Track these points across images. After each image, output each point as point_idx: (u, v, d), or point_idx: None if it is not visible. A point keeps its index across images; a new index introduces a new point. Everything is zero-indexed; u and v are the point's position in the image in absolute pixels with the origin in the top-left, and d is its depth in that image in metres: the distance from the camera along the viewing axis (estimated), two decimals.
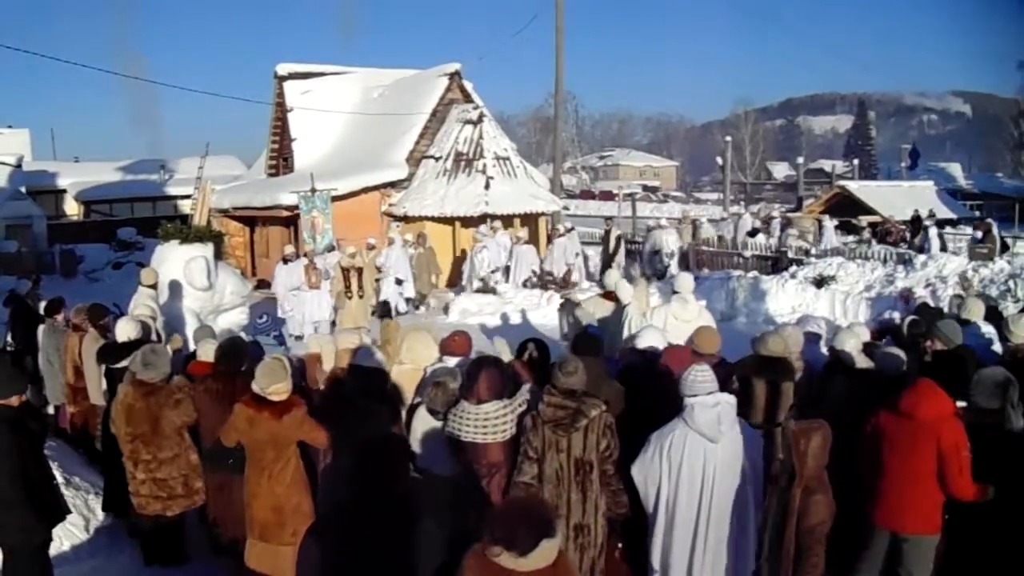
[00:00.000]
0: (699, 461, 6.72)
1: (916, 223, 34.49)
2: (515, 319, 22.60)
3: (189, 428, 8.85)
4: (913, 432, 6.93)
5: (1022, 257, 24.19)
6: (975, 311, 10.61)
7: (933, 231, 31.99)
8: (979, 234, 25.84)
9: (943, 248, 28.75)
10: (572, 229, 28.32)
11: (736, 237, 32.41)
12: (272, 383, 7.50)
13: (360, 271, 21.05)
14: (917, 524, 7.10)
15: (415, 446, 7.70)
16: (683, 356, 8.44)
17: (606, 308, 12.87)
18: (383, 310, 16.38)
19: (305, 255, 22.72)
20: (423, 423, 7.84)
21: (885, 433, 7.11)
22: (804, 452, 6.24)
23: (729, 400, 6.91)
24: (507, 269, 26.04)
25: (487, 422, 7.15)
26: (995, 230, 25.59)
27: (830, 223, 35.13)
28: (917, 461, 6.93)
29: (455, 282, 27.57)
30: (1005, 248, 27.57)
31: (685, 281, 12.33)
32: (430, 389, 7.79)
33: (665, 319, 11.36)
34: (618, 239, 29.08)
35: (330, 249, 24.63)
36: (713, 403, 6.78)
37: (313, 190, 25.32)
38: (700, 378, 6.88)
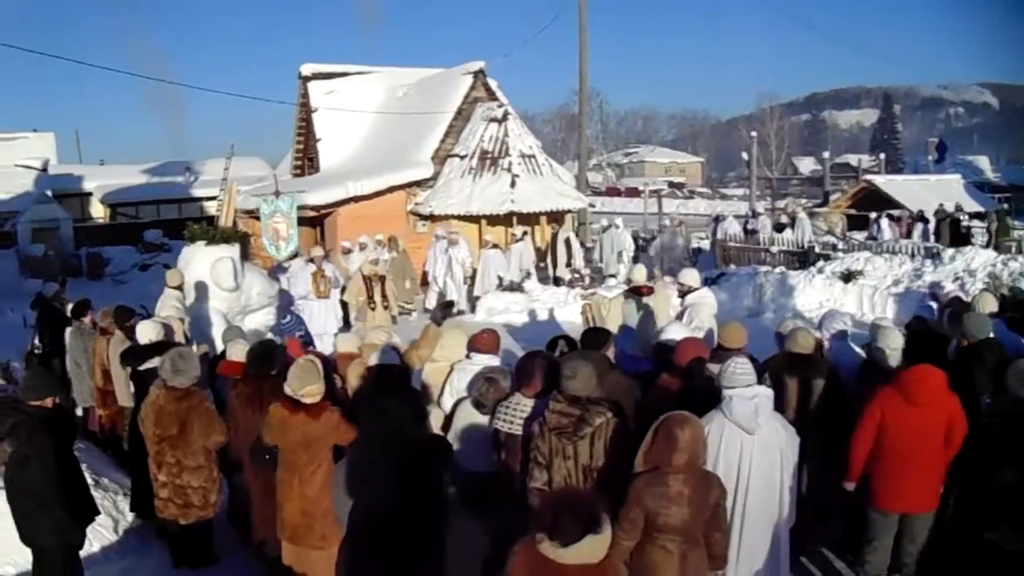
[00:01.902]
0: (735, 452, 6.72)
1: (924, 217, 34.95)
2: (542, 316, 22.48)
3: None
4: (926, 417, 7.19)
5: None
6: (988, 304, 10.56)
7: (884, 222, 34.50)
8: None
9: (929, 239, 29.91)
10: (527, 234, 27.59)
11: (724, 241, 32.64)
12: (304, 385, 7.48)
13: (383, 279, 19.65)
14: (931, 502, 7.42)
15: (457, 440, 7.72)
16: (699, 349, 8.39)
17: (639, 303, 12.78)
18: (444, 311, 15.39)
19: (311, 260, 20.78)
20: (468, 417, 7.88)
21: (898, 421, 7.23)
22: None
23: (767, 393, 6.92)
24: (474, 274, 25.45)
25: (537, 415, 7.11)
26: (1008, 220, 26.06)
27: (804, 215, 35.90)
28: (931, 444, 7.23)
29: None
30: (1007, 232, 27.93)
31: (692, 276, 12.26)
32: (481, 384, 7.82)
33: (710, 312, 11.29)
34: (567, 241, 28.33)
35: (293, 257, 23.45)
36: (751, 395, 6.78)
37: (277, 192, 23.66)
38: (740, 370, 6.88)
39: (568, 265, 26.88)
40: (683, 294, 12.08)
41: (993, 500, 6.87)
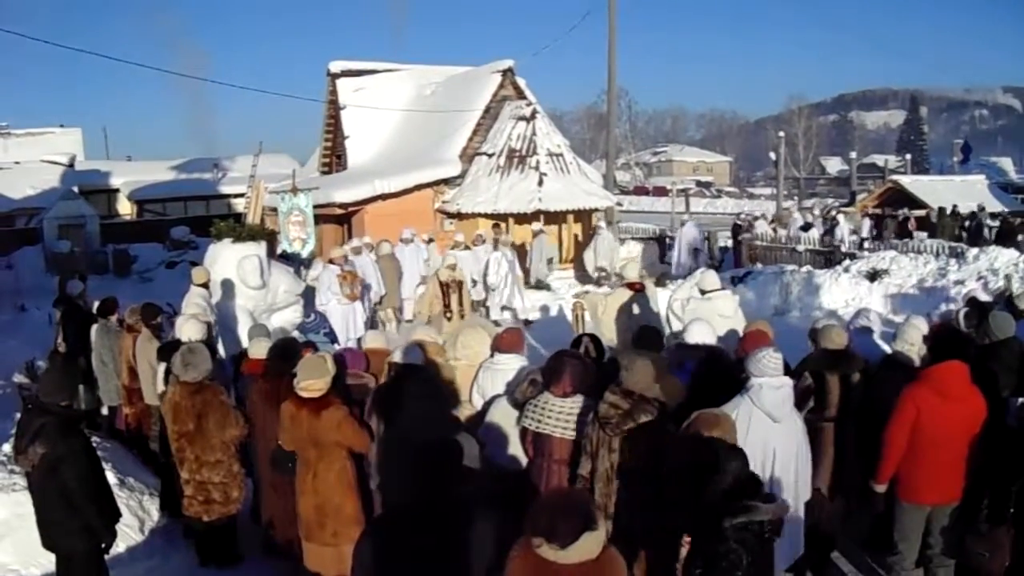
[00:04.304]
0: (760, 439, 6.83)
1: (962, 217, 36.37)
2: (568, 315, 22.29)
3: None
4: (958, 411, 7.27)
5: None
6: None
7: (841, 218, 36.52)
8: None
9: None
10: (542, 232, 27.32)
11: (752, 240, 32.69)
12: (304, 379, 7.50)
13: (460, 285, 17.45)
14: (958, 494, 7.47)
15: (490, 438, 7.72)
16: (760, 340, 8.41)
17: (635, 299, 12.72)
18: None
19: (332, 261, 18.26)
20: (503, 416, 7.88)
21: (932, 416, 7.28)
22: None
23: (791, 384, 7.12)
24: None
25: (570, 416, 7.15)
26: None
27: (797, 214, 38.36)
28: (961, 437, 7.33)
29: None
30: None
31: (711, 279, 12.14)
32: (524, 385, 7.79)
33: (708, 314, 11.15)
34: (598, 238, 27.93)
35: (312, 257, 23.47)
36: (779, 384, 6.95)
37: (294, 189, 23.50)
38: (771, 360, 6.99)
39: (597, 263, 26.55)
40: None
41: (1020, 497, 6.90)
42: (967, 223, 36.87)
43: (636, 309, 12.55)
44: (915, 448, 7.36)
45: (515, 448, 7.67)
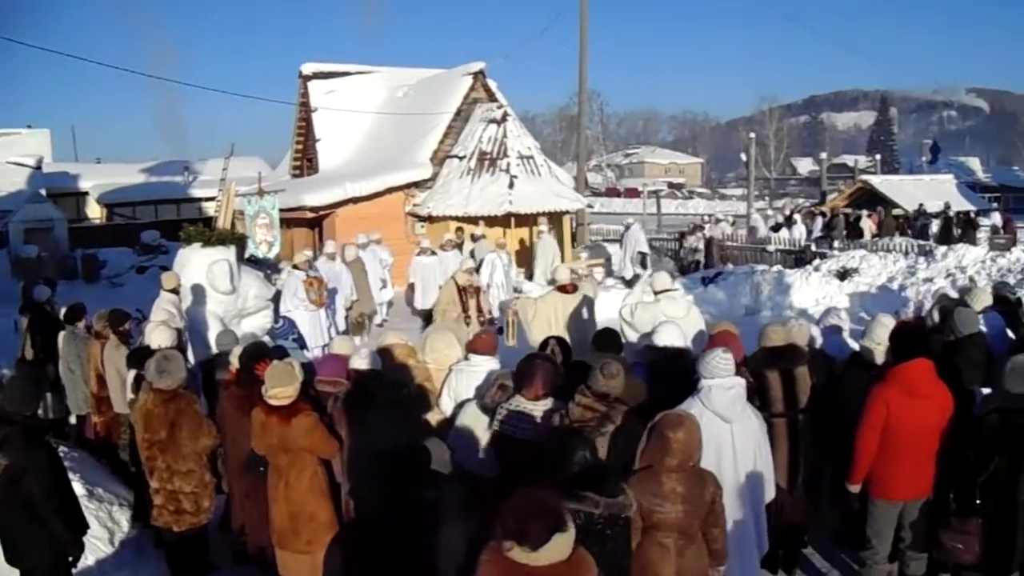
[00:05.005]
0: (713, 440, 6.76)
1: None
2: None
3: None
4: (927, 408, 7.39)
5: None
6: (981, 300, 10.88)
7: (798, 217, 37.81)
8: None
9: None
10: (552, 230, 27.36)
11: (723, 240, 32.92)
12: (273, 386, 7.48)
13: (478, 291, 16.56)
14: (929, 488, 7.62)
15: (460, 443, 7.68)
16: (727, 341, 8.41)
17: (566, 302, 12.71)
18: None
19: (296, 267, 17.70)
20: (472, 422, 7.85)
21: (902, 415, 7.38)
22: None
23: (742, 384, 7.12)
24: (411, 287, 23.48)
25: (542, 420, 7.16)
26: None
27: (757, 215, 39.13)
28: (931, 433, 7.46)
29: None
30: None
31: (662, 279, 12.10)
32: (493, 390, 7.78)
33: (655, 317, 11.13)
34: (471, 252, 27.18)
35: (278, 259, 23.01)
36: (729, 385, 6.98)
37: (260, 192, 23.25)
38: (722, 362, 7.01)
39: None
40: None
41: (986, 488, 7.05)
42: (914, 222, 37.93)
43: (567, 312, 12.55)
44: (886, 446, 7.44)
45: (485, 452, 7.65)
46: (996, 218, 35.51)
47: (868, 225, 35.92)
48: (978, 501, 7.02)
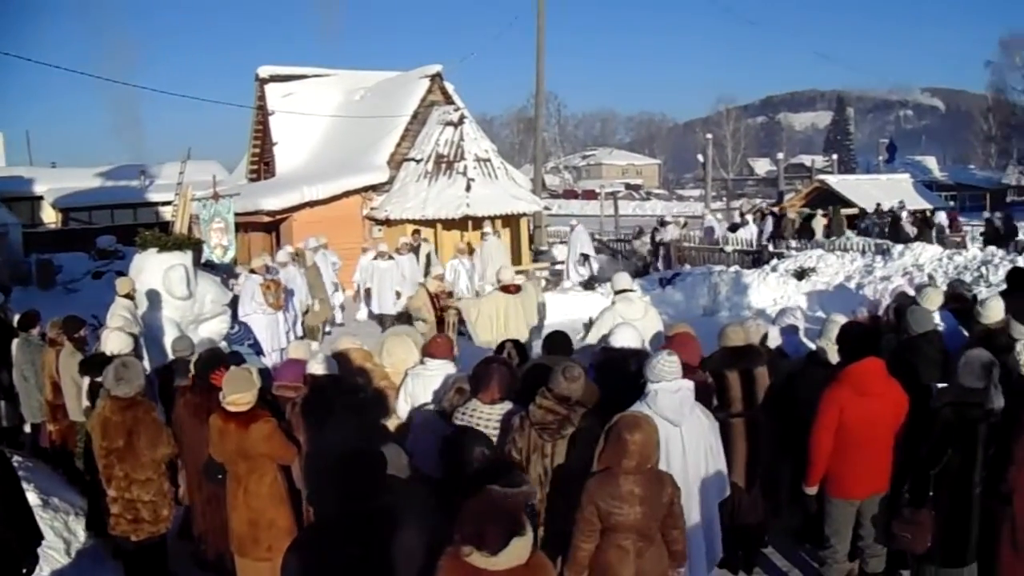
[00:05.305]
0: (662, 445, 6.63)
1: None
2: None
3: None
4: (879, 406, 7.43)
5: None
6: (934, 300, 10.79)
7: (749, 217, 38.19)
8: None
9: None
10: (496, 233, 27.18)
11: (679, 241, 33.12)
12: (231, 393, 7.43)
13: (450, 295, 16.84)
14: (885, 485, 7.63)
15: (419, 448, 7.62)
16: (685, 342, 8.41)
17: (509, 302, 12.75)
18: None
19: (253, 271, 17.74)
20: (429, 423, 7.83)
21: (855, 415, 7.40)
22: None
23: (689, 386, 7.06)
24: (367, 292, 22.41)
25: (499, 423, 7.16)
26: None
27: (710, 216, 39.61)
28: (884, 431, 7.50)
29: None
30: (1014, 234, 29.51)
31: (622, 280, 12.13)
32: (451, 394, 7.78)
33: (612, 319, 11.15)
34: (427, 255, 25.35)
35: (234, 263, 23.03)
36: (676, 388, 6.93)
37: (216, 195, 23.33)
38: (667, 365, 6.99)
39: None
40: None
41: (939, 481, 7.10)
42: (862, 223, 38.39)
43: (510, 312, 12.59)
44: (841, 447, 7.47)
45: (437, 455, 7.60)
46: (942, 217, 36.02)
47: (820, 224, 36.12)
48: (931, 493, 7.07)
